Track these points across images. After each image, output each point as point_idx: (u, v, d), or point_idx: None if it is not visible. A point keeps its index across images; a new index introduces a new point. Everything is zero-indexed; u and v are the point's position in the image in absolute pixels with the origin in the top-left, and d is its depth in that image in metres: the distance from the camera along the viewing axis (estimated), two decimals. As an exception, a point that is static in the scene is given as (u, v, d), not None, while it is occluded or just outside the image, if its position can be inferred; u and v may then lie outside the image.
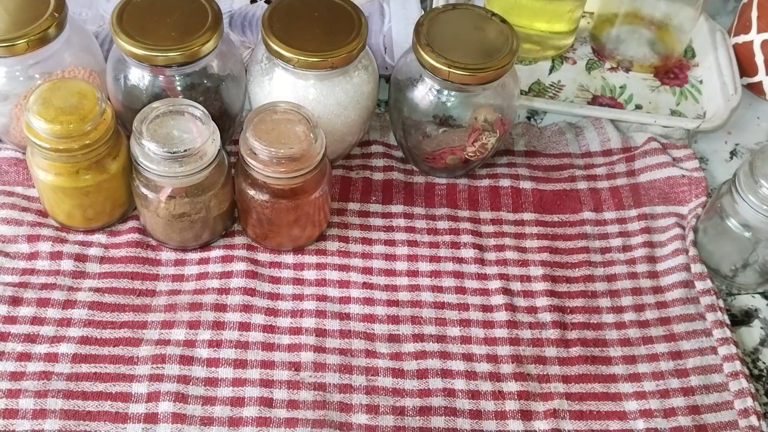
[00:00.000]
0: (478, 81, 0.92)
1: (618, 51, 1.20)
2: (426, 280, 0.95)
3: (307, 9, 0.95)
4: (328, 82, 0.94)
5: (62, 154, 0.87)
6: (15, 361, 0.85)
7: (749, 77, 1.19)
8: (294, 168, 0.87)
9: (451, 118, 0.96)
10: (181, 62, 0.91)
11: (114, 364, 0.86)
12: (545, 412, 0.86)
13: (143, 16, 0.92)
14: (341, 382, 0.87)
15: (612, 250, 0.99)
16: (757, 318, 0.95)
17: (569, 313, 0.93)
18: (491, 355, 0.90)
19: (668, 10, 1.16)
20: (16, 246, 0.94)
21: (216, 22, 0.93)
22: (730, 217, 0.93)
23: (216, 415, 0.84)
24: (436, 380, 0.87)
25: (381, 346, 0.90)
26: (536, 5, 1.15)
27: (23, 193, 0.99)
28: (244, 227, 0.97)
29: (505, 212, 1.02)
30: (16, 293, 0.90)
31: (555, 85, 1.18)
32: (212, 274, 0.94)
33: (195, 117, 0.88)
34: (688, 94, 1.17)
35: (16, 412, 0.82)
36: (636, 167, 1.06)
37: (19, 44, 0.90)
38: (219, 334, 0.89)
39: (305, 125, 0.88)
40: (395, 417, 0.85)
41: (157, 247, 0.96)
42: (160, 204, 0.90)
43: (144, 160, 0.87)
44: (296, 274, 0.95)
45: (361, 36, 0.93)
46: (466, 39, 0.95)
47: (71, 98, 0.87)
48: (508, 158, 1.07)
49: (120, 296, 0.91)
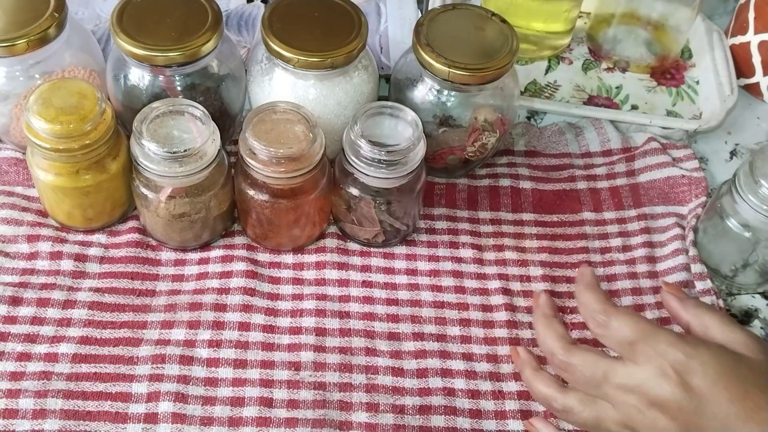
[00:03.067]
0: (478, 81, 0.92)
1: (615, 51, 1.20)
2: (425, 279, 0.96)
3: (307, 9, 0.95)
4: (328, 82, 0.94)
5: (62, 154, 0.87)
6: (15, 361, 0.85)
7: (746, 78, 1.19)
8: (293, 168, 0.87)
9: (451, 118, 0.97)
10: (181, 62, 0.91)
11: (114, 364, 0.86)
12: (545, 412, 0.86)
13: (143, 16, 0.92)
14: (341, 380, 0.87)
15: (612, 250, 0.99)
16: (757, 318, 0.96)
17: (569, 313, 0.94)
18: (491, 354, 0.90)
19: (665, 11, 1.16)
20: (16, 246, 0.94)
21: (216, 22, 0.93)
22: (730, 217, 0.93)
23: (216, 415, 0.84)
24: (436, 379, 0.88)
25: (381, 344, 0.90)
26: (533, 5, 1.16)
27: (23, 193, 0.98)
28: (244, 227, 0.97)
29: (505, 212, 1.02)
30: (16, 293, 0.90)
31: (551, 85, 1.18)
32: (212, 274, 0.94)
33: (195, 117, 0.88)
34: (685, 94, 1.17)
35: (16, 412, 0.82)
36: (636, 167, 1.06)
37: (19, 44, 0.89)
38: (219, 334, 0.89)
39: (305, 125, 0.88)
40: (395, 415, 0.85)
41: (157, 247, 0.96)
42: (160, 204, 0.90)
43: (144, 160, 0.87)
44: (296, 274, 0.95)
45: (361, 36, 0.93)
46: (466, 39, 0.95)
47: (71, 98, 0.87)
48: (507, 158, 1.07)
49: (120, 296, 0.91)
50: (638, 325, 0.74)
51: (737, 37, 1.19)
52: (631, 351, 0.74)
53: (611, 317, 0.75)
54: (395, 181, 0.90)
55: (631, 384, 0.73)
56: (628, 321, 0.74)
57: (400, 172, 0.89)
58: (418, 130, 0.89)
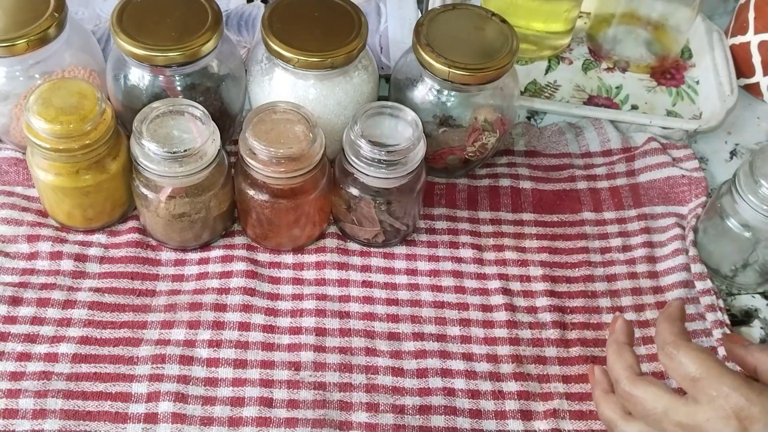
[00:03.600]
0: (478, 81, 0.93)
1: (615, 51, 1.20)
2: (425, 279, 0.96)
3: (307, 9, 0.95)
4: (328, 82, 0.94)
5: (62, 154, 0.87)
6: (15, 361, 0.85)
7: (746, 78, 1.19)
8: (293, 168, 0.87)
9: (451, 118, 0.97)
10: (181, 62, 0.91)
11: (114, 364, 0.86)
12: (545, 412, 0.86)
13: (143, 16, 0.92)
14: (341, 380, 0.87)
15: (612, 250, 0.99)
16: (757, 318, 0.96)
17: (569, 313, 0.94)
18: (491, 354, 0.90)
19: (665, 11, 1.16)
20: (16, 246, 0.94)
21: (216, 22, 0.93)
22: (730, 217, 0.93)
23: (216, 415, 0.84)
24: (436, 379, 0.88)
25: (381, 344, 0.90)
26: (533, 5, 1.16)
27: (23, 193, 0.98)
28: (244, 227, 0.97)
29: (505, 212, 1.02)
30: (16, 293, 0.90)
31: (551, 85, 1.18)
32: (212, 274, 0.94)
33: (195, 117, 0.88)
34: (685, 94, 1.17)
35: (16, 412, 0.82)
36: (636, 167, 1.06)
37: (19, 44, 0.89)
38: (219, 334, 0.89)
39: (304, 125, 0.88)
40: (395, 415, 0.85)
41: (157, 247, 0.96)
42: (160, 204, 0.90)
43: (144, 160, 0.87)
44: (296, 274, 0.95)
45: (361, 36, 0.93)
46: (466, 39, 0.95)
47: (71, 98, 0.87)
48: (507, 158, 1.07)
49: (120, 296, 0.91)
50: (704, 363, 0.73)
51: (737, 37, 1.19)
52: (694, 388, 0.73)
53: (680, 351, 0.74)
54: (395, 181, 0.90)
55: (691, 423, 0.72)
56: (694, 357, 0.73)
57: (400, 172, 0.89)
58: (418, 130, 0.89)
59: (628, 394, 0.76)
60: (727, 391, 0.70)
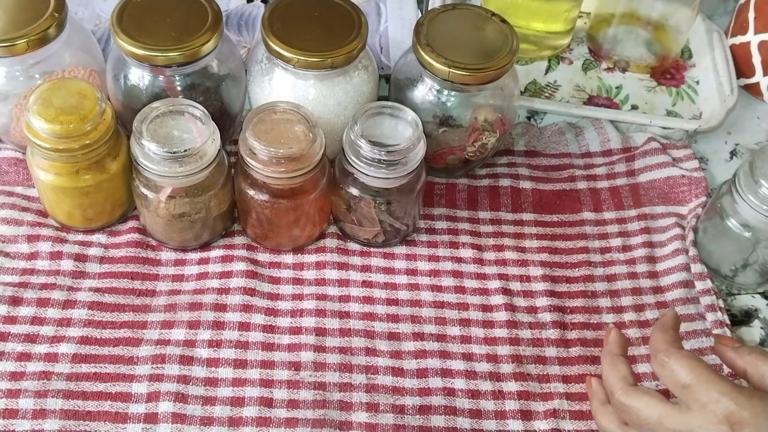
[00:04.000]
0: (478, 81, 0.92)
1: (615, 51, 1.20)
2: (425, 279, 0.96)
3: (307, 9, 0.95)
4: (328, 82, 0.94)
5: (62, 154, 0.87)
6: (15, 361, 0.85)
7: (746, 78, 1.19)
8: (293, 168, 0.87)
9: (451, 118, 0.96)
10: (181, 62, 0.91)
11: (114, 364, 0.86)
12: (545, 412, 0.86)
13: (143, 16, 0.92)
14: (341, 380, 0.87)
15: (612, 250, 0.99)
16: (757, 318, 0.96)
17: (569, 313, 0.94)
18: (491, 354, 0.90)
19: (665, 11, 1.16)
20: (16, 246, 0.94)
21: (216, 22, 0.93)
22: (730, 217, 0.93)
23: (216, 415, 0.84)
24: (436, 379, 0.88)
25: (381, 344, 0.90)
26: (533, 5, 1.16)
27: (23, 193, 0.98)
28: (244, 227, 0.97)
29: (505, 212, 1.02)
30: (16, 293, 0.90)
31: (551, 85, 1.18)
32: (212, 274, 0.94)
33: (195, 117, 0.88)
34: (685, 94, 1.18)
35: (16, 412, 0.82)
36: (636, 167, 1.06)
37: (19, 44, 0.89)
38: (219, 334, 0.89)
39: (304, 125, 0.88)
40: (395, 415, 0.85)
41: (157, 247, 0.96)
42: (160, 204, 0.90)
43: (144, 160, 0.87)
44: (296, 274, 0.95)
45: (361, 36, 0.93)
46: (466, 39, 0.95)
47: (71, 98, 0.87)
48: (507, 158, 1.07)
49: (120, 296, 0.91)
50: (695, 370, 0.73)
51: (737, 37, 1.19)
52: (686, 395, 0.73)
53: (671, 358, 0.75)
54: (395, 181, 0.90)
55: (685, 430, 0.73)
56: (685, 364, 0.74)
57: (400, 172, 0.89)
58: (418, 130, 0.89)
59: (623, 404, 0.77)
60: (717, 396, 0.71)
